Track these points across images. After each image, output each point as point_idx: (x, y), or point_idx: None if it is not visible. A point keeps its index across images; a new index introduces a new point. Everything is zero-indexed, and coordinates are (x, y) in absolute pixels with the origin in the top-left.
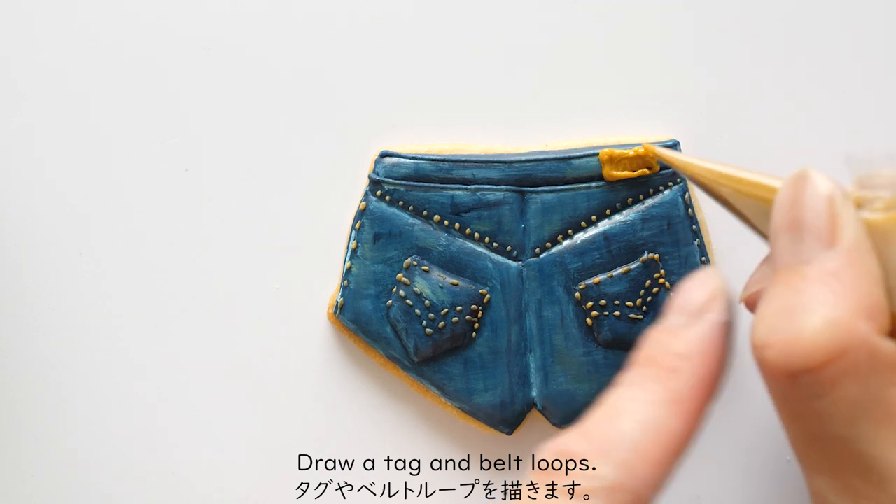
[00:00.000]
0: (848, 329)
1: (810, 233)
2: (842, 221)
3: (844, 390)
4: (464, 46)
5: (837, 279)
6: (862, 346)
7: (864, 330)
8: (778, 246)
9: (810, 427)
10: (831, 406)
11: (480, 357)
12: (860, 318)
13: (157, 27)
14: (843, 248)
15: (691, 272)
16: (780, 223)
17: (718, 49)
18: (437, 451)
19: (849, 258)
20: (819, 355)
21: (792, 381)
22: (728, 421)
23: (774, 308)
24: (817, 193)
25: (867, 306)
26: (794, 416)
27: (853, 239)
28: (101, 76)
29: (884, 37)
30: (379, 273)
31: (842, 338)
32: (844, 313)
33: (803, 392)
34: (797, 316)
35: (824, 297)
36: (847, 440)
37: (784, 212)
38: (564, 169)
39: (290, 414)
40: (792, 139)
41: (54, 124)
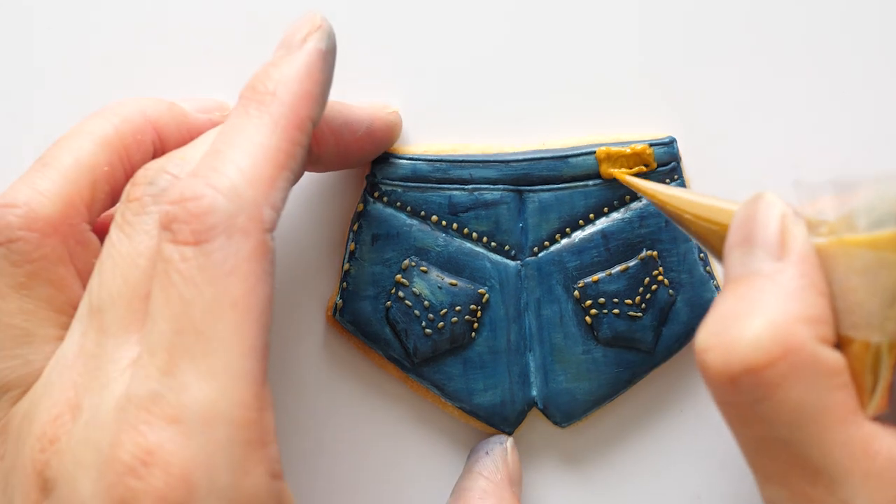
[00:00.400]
0: (789, 333)
1: (761, 246)
2: (791, 237)
3: (786, 393)
4: (461, 47)
5: (783, 287)
6: (803, 350)
7: (806, 335)
8: (730, 261)
9: (756, 432)
10: (775, 409)
11: (480, 357)
12: (802, 324)
13: (152, 28)
14: (792, 259)
15: (690, 270)
16: (734, 239)
17: (717, 48)
18: (438, 451)
19: (796, 269)
20: (759, 357)
21: (733, 384)
22: None
23: (718, 314)
24: (770, 210)
25: (811, 315)
26: (739, 422)
27: (801, 252)
28: (101, 74)
29: (884, 38)
30: (377, 274)
31: (782, 340)
32: (787, 318)
33: (746, 396)
34: (739, 320)
35: (768, 302)
36: (793, 444)
37: (738, 229)
38: (562, 168)
39: (289, 415)
40: (792, 139)
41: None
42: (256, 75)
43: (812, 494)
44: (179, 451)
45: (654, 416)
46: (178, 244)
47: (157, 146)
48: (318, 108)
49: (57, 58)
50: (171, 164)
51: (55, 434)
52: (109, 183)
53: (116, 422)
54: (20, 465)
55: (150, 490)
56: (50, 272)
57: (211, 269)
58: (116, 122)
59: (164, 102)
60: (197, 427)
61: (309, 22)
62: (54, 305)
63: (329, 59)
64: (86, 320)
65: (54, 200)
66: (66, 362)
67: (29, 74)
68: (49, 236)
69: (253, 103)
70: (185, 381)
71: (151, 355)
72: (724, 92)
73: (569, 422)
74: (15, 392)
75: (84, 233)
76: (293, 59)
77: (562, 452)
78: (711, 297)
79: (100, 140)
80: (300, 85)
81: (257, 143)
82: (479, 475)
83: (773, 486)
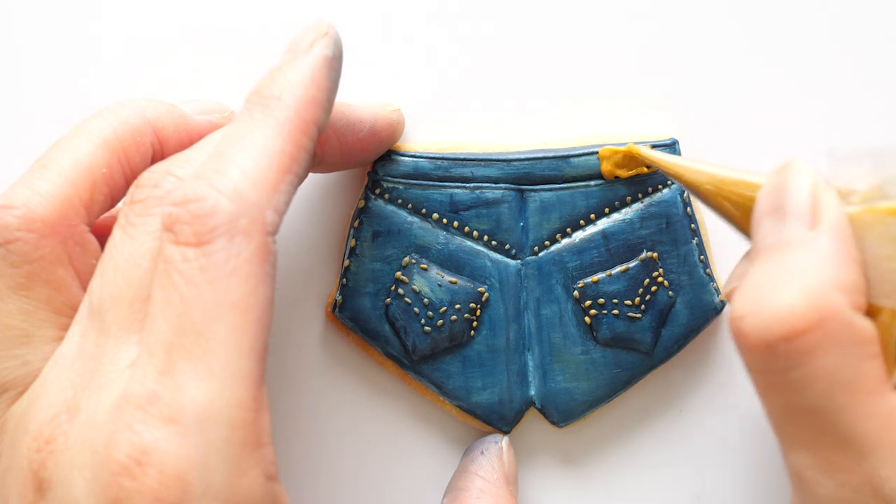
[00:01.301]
0: (825, 300)
1: (793, 215)
2: (823, 205)
3: (821, 361)
4: (462, 45)
5: (817, 255)
6: (838, 318)
7: (841, 302)
8: (760, 230)
9: (788, 400)
10: (808, 377)
11: (479, 355)
12: (837, 292)
13: (154, 30)
14: (825, 228)
15: (690, 272)
16: (764, 208)
17: (718, 47)
18: (435, 449)
19: (829, 237)
20: (796, 323)
21: (769, 351)
22: (728, 421)
23: (753, 282)
24: (801, 179)
25: (845, 282)
26: (771, 389)
27: (834, 220)
28: (101, 75)
29: (884, 37)
30: (377, 271)
31: (819, 308)
32: (822, 285)
33: (780, 363)
34: (775, 287)
35: (803, 270)
36: (824, 412)
37: (768, 198)
38: (563, 167)
39: (286, 410)
40: (792, 139)
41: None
42: (262, 80)
43: (840, 462)
44: (175, 451)
45: (653, 417)
46: (179, 245)
47: (157, 148)
48: (324, 114)
49: (57, 58)
50: (176, 166)
51: (52, 434)
52: (108, 184)
53: (113, 421)
54: (16, 465)
55: (144, 490)
56: (48, 273)
57: (212, 269)
58: (116, 123)
59: (164, 104)
60: (193, 427)
61: (316, 28)
62: (53, 306)
63: (335, 66)
64: (86, 321)
65: (53, 201)
66: (64, 363)
67: (29, 75)
68: (47, 237)
69: (258, 107)
70: (183, 382)
71: (150, 355)
72: (725, 93)
73: (566, 422)
74: (12, 392)
75: (83, 234)
76: (299, 65)
77: (559, 452)
78: (711, 300)
79: (99, 141)
80: (305, 90)
81: (262, 146)
82: (475, 475)
83: (801, 454)
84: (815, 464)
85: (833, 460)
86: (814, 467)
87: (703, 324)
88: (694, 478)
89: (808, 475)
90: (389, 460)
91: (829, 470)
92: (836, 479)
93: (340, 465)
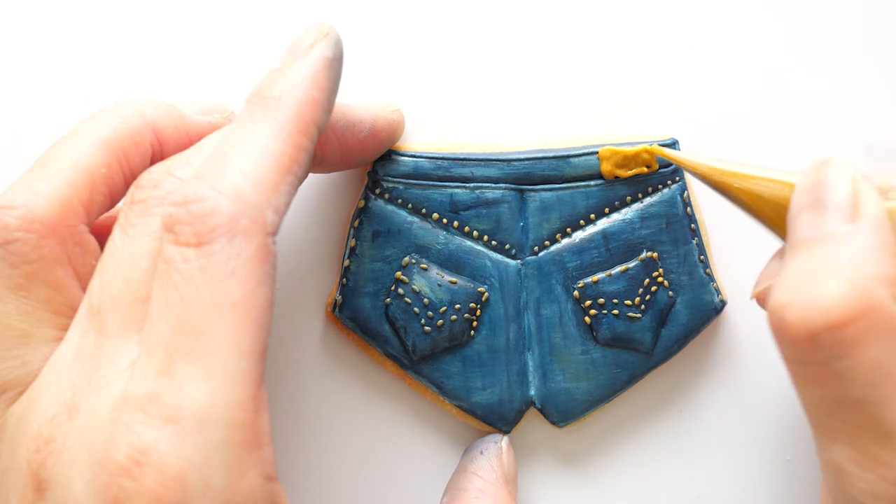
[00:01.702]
0: (869, 291)
1: (833, 209)
2: (863, 198)
3: (865, 352)
4: (463, 45)
5: (859, 248)
6: (882, 310)
7: (885, 294)
8: (798, 224)
9: (829, 391)
10: (852, 368)
11: (479, 355)
12: (881, 284)
13: (155, 30)
14: (866, 221)
15: (690, 272)
16: (802, 203)
17: (718, 48)
18: (435, 449)
19: (870, 231)
20: (841, 314)
21: (812, 341)
22: (728, 421)
23: (795, 272)
24: (841, 174)
25: (888, 275)
26: (812, 381)
27: (875, 213)
28: (100, 76)
29: (885, 36)
30: (377, 271)
31: (863, 299)
32: (865, 277)
33: (824, 353)
34: (819, 278)
35: (845, 262)
36: (867, 404)
37: (806, 193)
38: (563, 167)
39: (286, 410)
40: (792, 139)
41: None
42: (263, 81)
43: (881, 456)
44: (174, 451)
45: (653, 417)
46: (179, 245)
47: (156, 148)
48: (324, 115)
49: (56, 59)
50: (176, 166)
51: (51, 434)
52: (107, 185)
53: (112, 422)
54: (15, 466)
55: (143, 490)
56: (48, 273)
57: (212, 270)
58: (115, 123)
59: (163, 104)
60: (192, 427)
61: (317, 29)
62: (52, 306)
63: (335, 67)
64: (85, 321)
65: (52, 202)
66: (64, 363)
67: (28, 75)
68: (47, 237)
69: (258, 108)
70: (182, 382)
71: (150, 355)
72: (725, 93)
73: (566, 422)
74: (12, 393)
75: (82, 234)
76: (300, 66)
77: (559, 452)
78: (711, 300)
79: (98, 142)
80: (306, 91)
81: (262, 147)
82: (475, 475)
83: (839, 447)
84: (855, 458)
85: (874, 454)
86: (853, 461)
87: (703, 324)
88: (694, 478)
89: (846, 469)
90: (389, 460)
91: (870, 464)
92: (876, 473)
93: (340, 465)
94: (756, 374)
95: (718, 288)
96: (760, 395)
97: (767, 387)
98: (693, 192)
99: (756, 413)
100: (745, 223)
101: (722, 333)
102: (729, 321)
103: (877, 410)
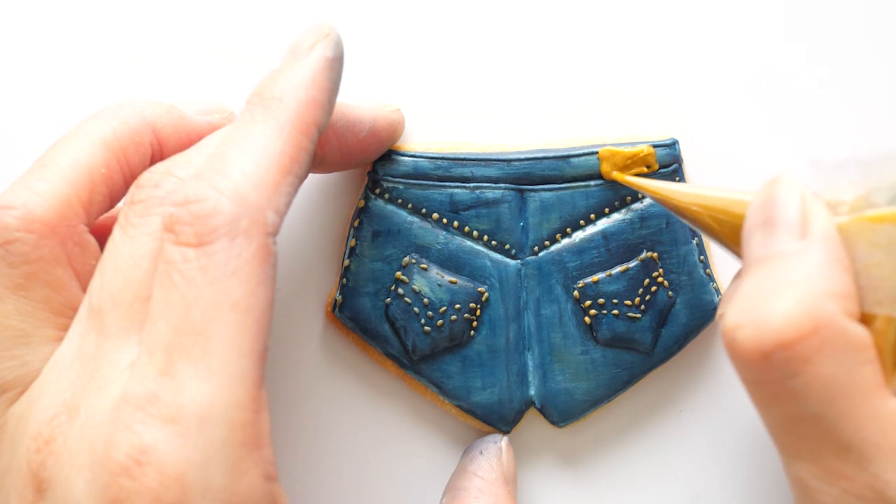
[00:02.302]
0: (819, 308)
1: (783, 227)
2: (813, 216)
3: (818, 368)
4: (463, 45)
5: (809, 265)
6: (833, 325)
7: (835, 310)
8: (751, 244)
9: (786, 409)
10: (806, 385)
11: (479, 355)
12: (831, 300)
13: (155, 31)
14: (815, 238)
15: (690, 272)
16: (754, 222)
17: (718, 48)
18: (435, 448)
19: (820, 247)
20: (791, 331)
21: (765, 360)
22: (728, 421)
23: (746, 294)
24: (790, 192)
25: (838, 290)
26: (769, 400)
27: (824, 231)
28: (100, 76)
29: (886, 36)
30: (377, 271)
31: (813, 315)
32: (815, 294)
33: (777, 372)
34: (769, 297)
35: (795, 279)
36: (824, 419)
37: (758, 212)
38: (563, 167)
39: (286, 410)
40: (793, 139)
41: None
42: (263, 81)
43: (842, 470)
44: (174, 451)
45: (653, 417)
46: (180, 245)
47: (156, 148)
48: (324, 115)
49: (56, 59)
50: (177, 167)
51: (51, 434)
52: (107, 185)
53: (112, 422)
54: (16, 466)
55: (143, 490)
56: (47, 273)
57: (212, 270)
58: (115, 123)
59: (163, 105)
60: (193, 427)
61: (317, 30)
62: (52, 307)
63: (336, 67)
64: (86, 321)
65: (51, 202)
66: (64, 363)
67: (27, 76)
68: (46, 237)
69: (259, 108)
70: (183, 382)
71: (150, 355)
72: (725, 93)
73: (566, 422)
74: (12, 393)
75: (82, 234)
76: (300, 66)
77: (559, 452)
78: (711, 300)
79: (98, 142)
80: (306, 91)
81: (263, 147)
82: (474, 475)
83: (802, 463)
84: (817, 472)
85: (835, 468)
86: (816, 476)
87: (703, 324)
88: (694, 478)
89: (810, 484)
90: (389, 460)
91: (832, 478)
92: (839, 487)
93: (340, 464)
94: None
95: (718, 288)
96: None
97: None
98: None
99: (756, 413)
100: None
101: (721, 334)
102: None
103: (834, 425)
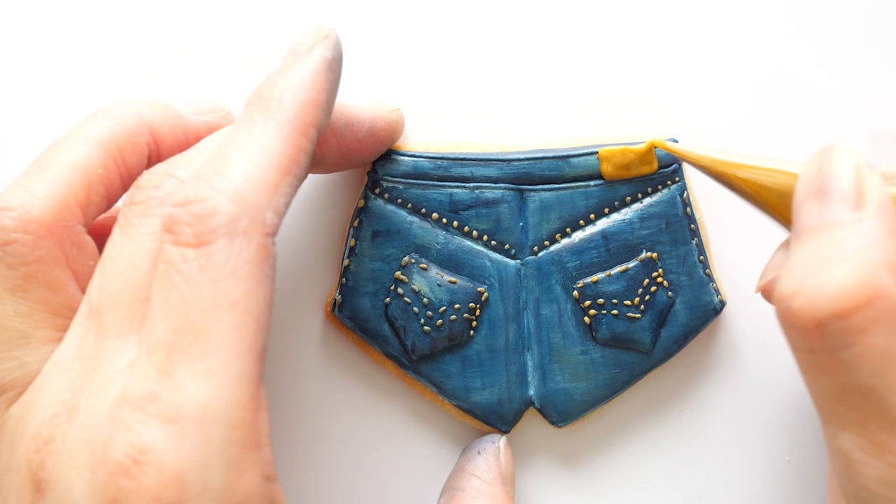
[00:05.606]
0: (875, 279)
1: (837, 196)
2: (868, 185)
3: (872, 339)
4: (463, 45)
5: (864, 236)
6: (888, 297)
7: (890, 282)
8: (803, 212)
9: (837, 380)
10: (859, 356)
11: (478, 355)
12: (886, 271)
13: (154, 31)
14: (870, 208)
15: (689, 272)
16: (806, 191)
17: (718, 47)
18: (434, 448)
19: (875, 218)
20: (847, 302)
21: (819, 330)
22: (728, 421)
23: (801, 261)
24: (844, 161)
25: (893, 262)
26: (819, 370)
27: (880, 200)
28: (98, 76)
29: (886, 36)
30: (377, 271)
31: (869, 287)
32: (871, 265)
33: (831, 342)
34: (825, 266)
35: (851, 250)
36: (874, 392)
37: (810, 180)
38: (563, 167)
39: (285, 409)
40: (793, 139)
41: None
42: (263, 82)
43: (889, 443)
44: (173, 450)
45: (652, 417)
46: (179, 245)
47: (153, 148)
48: (324, 116)
49: (54, 59)
50: (176, 167)
51: (50, 434)
52: (104, 185)
53: (111, 421)
54: (15, 466)
55: (142, 490)
56: (45, 274)
57: (212, 270)
58: (111, 124)
59: (160, 104)
60: (192, 427)
61: (316, 31)
62: (50, 307)
63: (335, 68)
64: (85, 321)
65: (49, 202)
66: (63, 363)
67: (26, 76)
68: (44, 238)
69: (259, 109)
70: (182, 381)
71: (149, 355)
72: (725, 93)
73: (565, 422)
74: (11, 393)
75: (79, 235)
76: (299, 67)
77: (558, 452)
78: (710, 300)
79: (94, 142)
80: (305, 92)
81: (262, 147)
82: (472, 475)
83: (848, 435)
84: (864, 445)
85: (882, 441)
86: (861, 449)
87: (703, 324)
88: (694, 478)
89: (855, 456)
90: (388, 460)
91: (878, 451)
92: (885, 461)
93: (339, 464)
94: (755, 374)
95: (718, 288)
96: (760, 395)
97: (767, 387)
98: (693, 192)
99: (756, 413)
100: (745, 223)
101: (721, 334)
102: (728, 321)
103: (884, 398)
